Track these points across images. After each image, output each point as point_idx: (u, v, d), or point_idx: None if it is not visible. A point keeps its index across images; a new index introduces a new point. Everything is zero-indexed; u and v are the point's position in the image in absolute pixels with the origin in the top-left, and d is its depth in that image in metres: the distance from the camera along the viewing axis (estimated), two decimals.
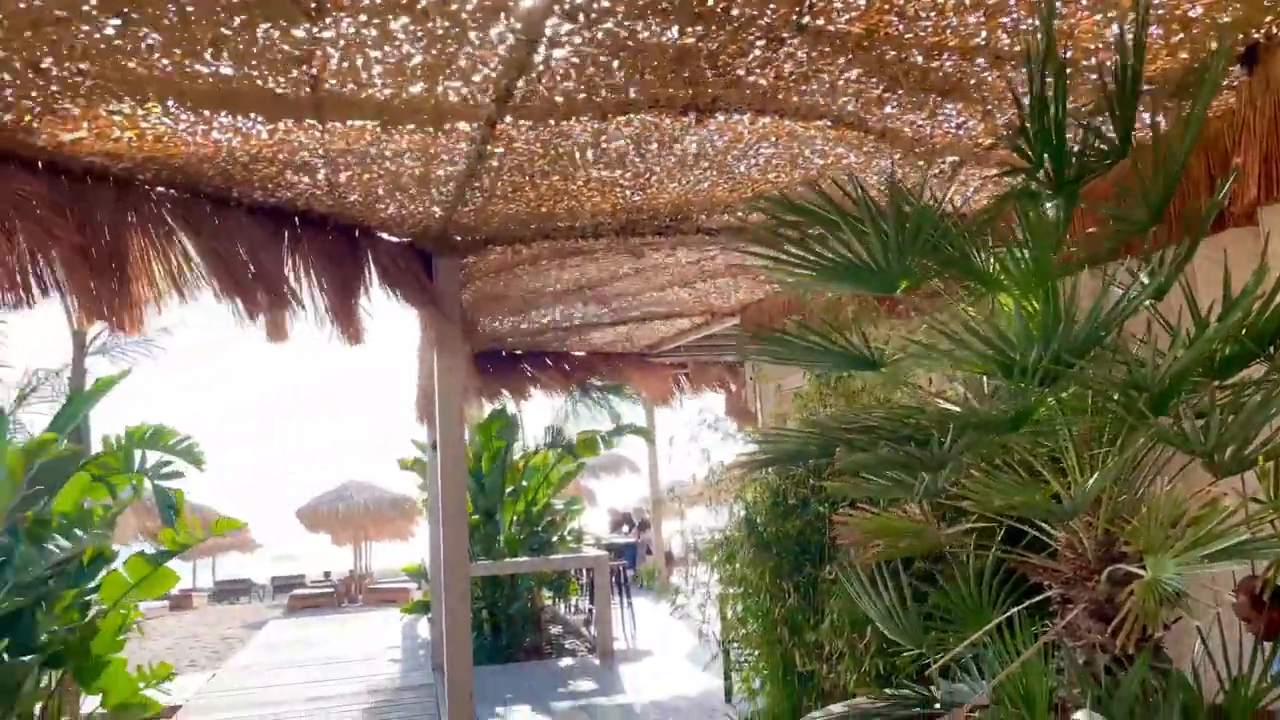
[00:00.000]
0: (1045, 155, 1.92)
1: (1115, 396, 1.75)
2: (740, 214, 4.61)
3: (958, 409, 1.90)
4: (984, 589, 2.26)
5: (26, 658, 5.32)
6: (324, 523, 20.63)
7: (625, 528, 17.30)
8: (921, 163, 4.05)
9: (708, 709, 6.48)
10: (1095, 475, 1.81)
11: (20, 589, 5.20)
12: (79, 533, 5.57)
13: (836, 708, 2.47)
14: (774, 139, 3.70)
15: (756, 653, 4.63)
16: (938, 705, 2.11)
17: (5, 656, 5.00)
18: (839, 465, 1.93)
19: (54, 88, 2.78)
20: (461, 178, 3.96)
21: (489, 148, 3.59)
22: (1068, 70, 2.82)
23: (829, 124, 3.55)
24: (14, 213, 3.03)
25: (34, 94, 2.81)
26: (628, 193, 4.34)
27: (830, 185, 2.22)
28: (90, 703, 6.63)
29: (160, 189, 3.68)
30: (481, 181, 4.05)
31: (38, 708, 5.94)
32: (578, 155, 3.79)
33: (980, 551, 2.23)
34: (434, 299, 5.07)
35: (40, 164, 3.30)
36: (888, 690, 2.51)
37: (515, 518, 10.22)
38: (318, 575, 23.95)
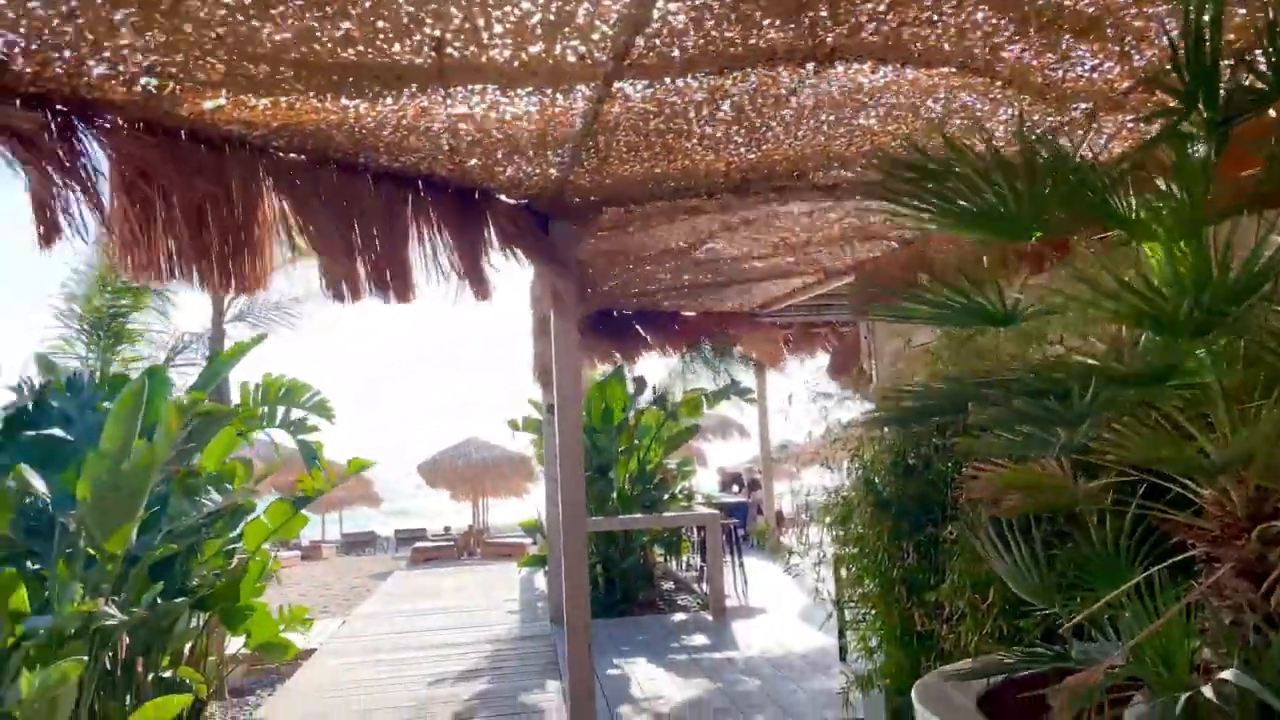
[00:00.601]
0: (1198, 93, 1.81)
1: (1273, 346, 1.65)
2: (859, 168, 4.52)
3: (1101, 362, 1.83)
4: (1122, 547, 2.19)
5: (178, 600, 5.72)
6: (444, 479, 21.36)
7: (735, 487, 17.35)
8: (1052, 109, 3.88)
9: (822, 666, 6.49)
10: (1248, 429, 1.73)
11: (173, 537, 5.58)
12: (227, 485, 5.91)
13: (965, 663, 2.44)
14: (895, 89, 3.60)
15: (873, 612, 4.60)
16: (1072, 663, 2.06)
17: (159, 599, 5.38)
18: (973, 420, 1.89)
19: (194, 57, 2.92)
20: (578, 139, 4.00)
21: (605, 107, 3.60)
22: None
23: (953, 70, 3.43)
24: (155, 178, 3.20)
25: (175, 63, 2.96)
26: (742, 150, 4.30)
27: (955, 134, 2.16)
28: (235, 643, 7.10)
29: (292, 155, 3.83)
30: (597, 143, 4.07)
31: (187, 647, 6.39)
32: (692, 113, 3.77)
33: (1118, 508, 2.16)
34: (551, 259, 5.15)
35: (183, 132, 3.48)
36: (1018, 649, 2.47)
37: (628, 475, 10.37)
38: (438, 529, 24.88)
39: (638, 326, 9.50)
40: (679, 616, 9.04)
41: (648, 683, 6.29)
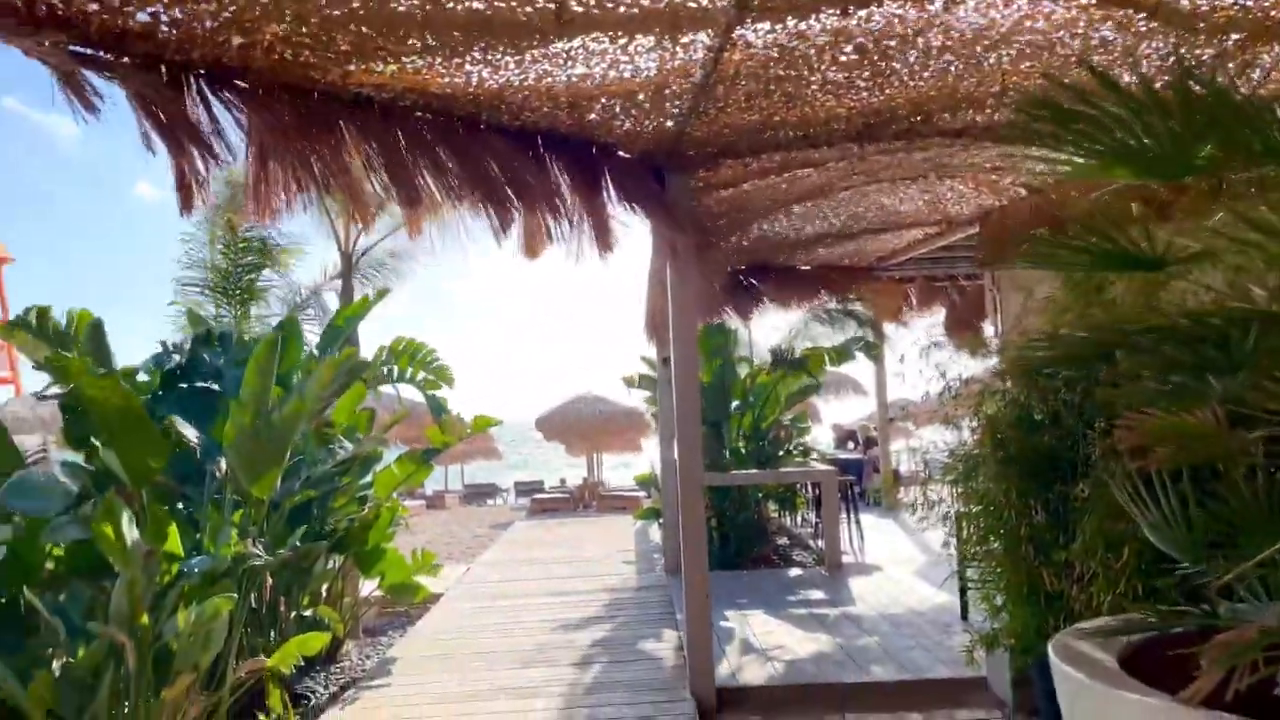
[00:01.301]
0: None
1: None
2: (990, 110, 4.33)
3: (1264, 307, 1.72)
4: (1276, 502, 2.07)
5: (317, 543, 6.04)
6: (561, 433, 21.78)
7: (851, 444, 17.12)
8: (1201, 41, 3.63)
9: (941, 624, 6.39)
10: None
11: (311, 484, 5.88)
12: (358, 436, 6.18)
13: (1102, 621, 2.36)
14: (1029, 25, 3.43)
15: (998, 571, 4.49)
16: (1220, 623, 1.97)
17: (299, 542, 5.69)
18: (1124, 368, 1.80)
19: (326, 25, 3.01)
20: (696, 90, 3.96)
21: (725, 56, 3.55)
22: None
23: (1093, 2, 3.24)
24: (288, 140, 3.32)
25: (309, 33, 3.06)
26: (864, 95, 4.18)
27: (1093, 71, 2.03)
28: (367, 586, 7.46)
29: (419, 114, 3.92)
30: (715, 93, 4.03)
31: (324, 588, 6.75)
32: (814, 57, 3.68)
33: (1275, 460, 2.03)
34: (668, 213, 5.14)
35: (316, 94, 3.59)
36: (1161, 607, 2.38)
37: (742, 431, 10.35)
38: (555, 482, 25.46)
39: (753, 281, 9.41)
40: (794, 571, 9.03)
41: (764, 634, 6.32)
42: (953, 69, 3.87)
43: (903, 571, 8.61)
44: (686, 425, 5.42)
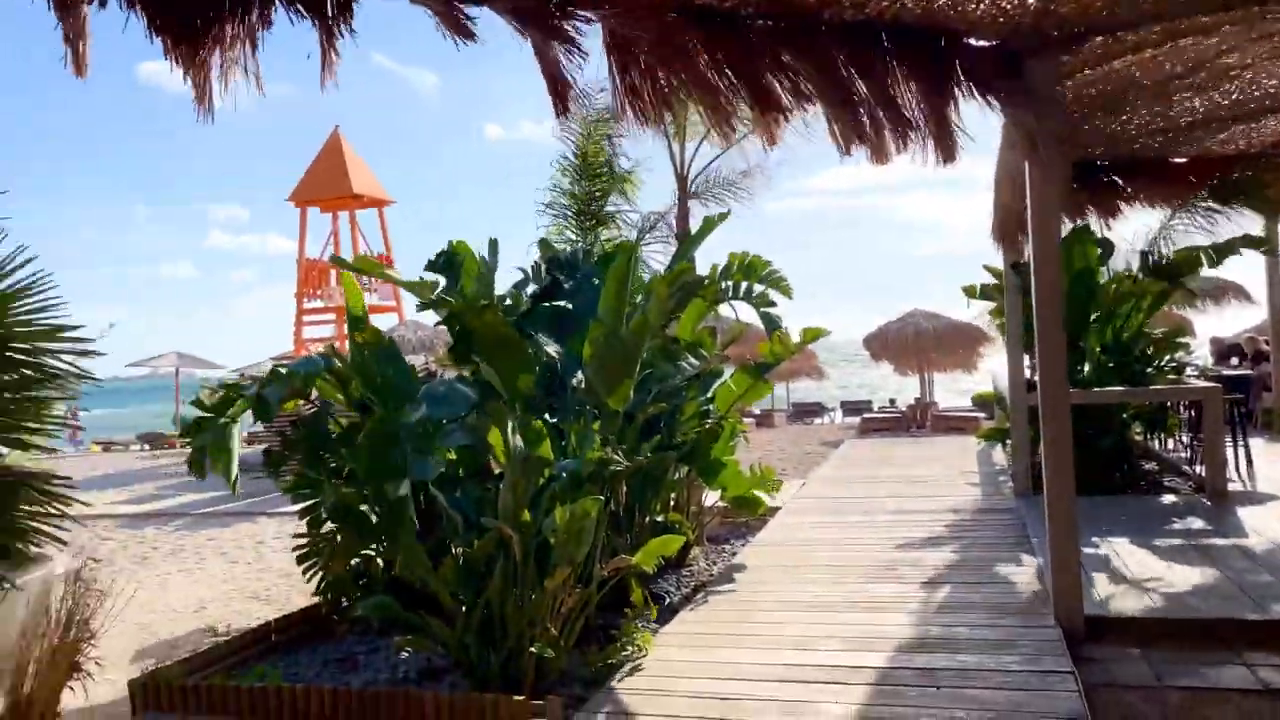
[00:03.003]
0: None
1: None
2: None
3: None
4: None
5: (667, 453, 6.34)
6: (889, 351, 21.20)
7: (1235, 359, 15.04)
8: None
9: None
10: None
11: (660, 397, 6.16)
12: (701, 351, 6.37)
13: None
14: None
15: None
16: None
17: (651, 452, 6.01)
18: None
19: None
20: None
21: None
22: None
23: None
24: (646, 50, 3.37)
25: None
26: None
27: None
28: (709, 497, 7.76)
29: (760, 22, 3.83)
30: None
31: (672, 496, 7.10)
32: None
33: None
34: (1026, 102, 4.68)
35: (666, 7, 3.62)
36: None
37: (1102, 346, 9.41)
38: (883, 402, 24.94)
39: (1117, 177, 8.42)
40: (1167, 499, 8.16)
41: (1135, 565, 5.77)
42: None
43: None
44: (1048, 337, 5.00)
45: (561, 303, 6.08)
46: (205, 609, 7.06)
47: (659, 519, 6.55)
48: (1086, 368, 9.32)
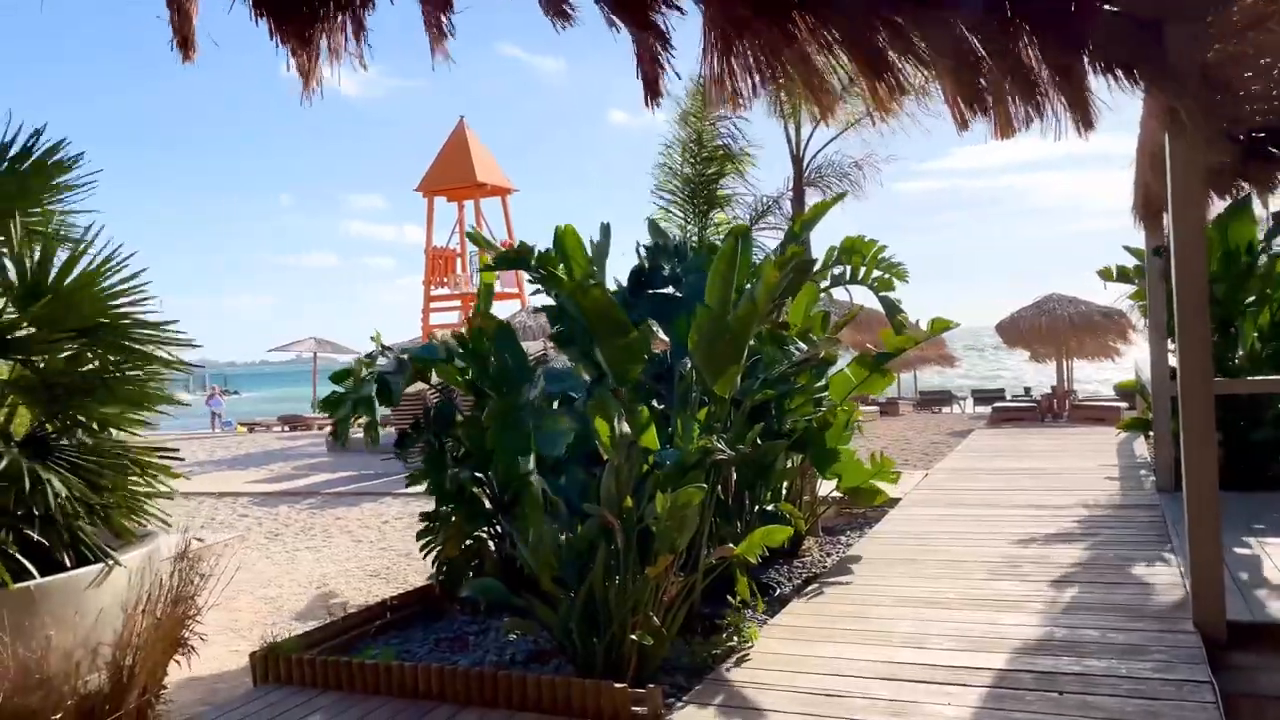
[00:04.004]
0: None
1: None
2: None
3: None
4: None
5: (776, 441, 6.20)
6: (1023, 338, 20.28)
7: None
8: None
9: None
10: None
11: (768, 383, 6.02)
12: (811, 336, 6.19)
13: None
14: None
15: None
16: None
17: (759, 440, 5.88)
18: None
19: None
20: None
21: None
22: None
23: None
24: (742, 30, 3.26)
25: None
26: None
27: None
28: (825, 487, 7.56)
29: None
30: None
31: (784, 485, 6.95)
32: None
33: None
34: (1166, 73, 4.32)
35: None
36: None
37: (1259, 331, 8.71)
38: (1017, 391, 23.91)
39: (1273, 147, 7.74)
40: None
41: None
42: None
43: None
44: (1189, 323, 4.63)
45: (668, 289, 6.01)
46: (328, 585, 7.34)
47: (769, 508, 6.41)
48: (1240, 354, 8.65)
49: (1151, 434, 9.07)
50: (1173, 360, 8.16)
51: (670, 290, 6.03)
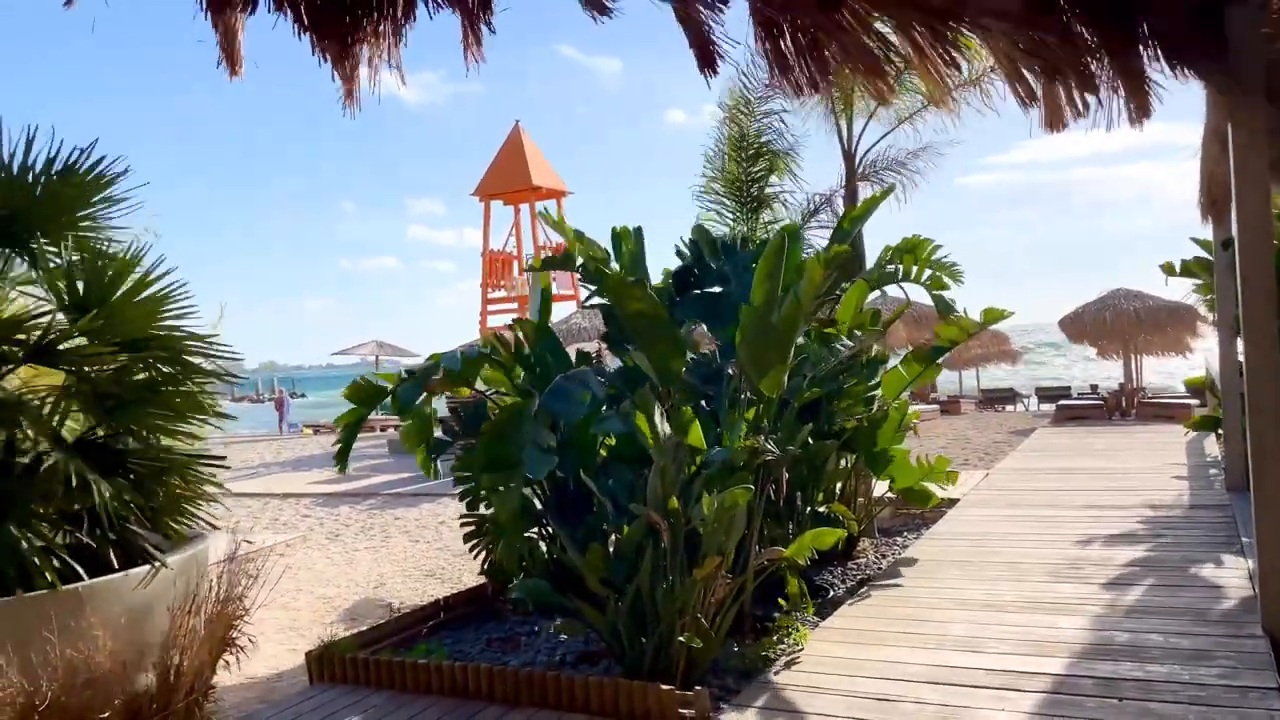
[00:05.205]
0: None
1: None
2: None
3: None
4: None
5: (826, 441, 6.13)
6: (1088, 334, 19.79)
7: None
8: None
9: None
10: None
11: (816, 382, 5.96)
12: (856, 332, 6.12)
13: None
14: None
15: None
16: None
17: (810, 439, 5.82)
18: None
19: None
20: None
21: None
22: None
23: None
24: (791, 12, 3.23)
25: None
26: None
27: None
28: (879, 488, 7.45)
29: None
30: None
31: (838, 486, 6.86)
32: None
33: None
34: (1227, 59, 4.19)
35: None
36: None
37: None
38: (1083, 388, 23.32)
39: None
40: None
41: None
42: None
43: None
44: (1255, 317, 4.47)
45: (714, 288, 5.98)
46: (384, 584, 7.45)
47: (820, 510, 6.34)
48: None
49: (1221, 432, 8.78)
50: (1241, 355, 7.91)
51: (718, 289, 6.00)
